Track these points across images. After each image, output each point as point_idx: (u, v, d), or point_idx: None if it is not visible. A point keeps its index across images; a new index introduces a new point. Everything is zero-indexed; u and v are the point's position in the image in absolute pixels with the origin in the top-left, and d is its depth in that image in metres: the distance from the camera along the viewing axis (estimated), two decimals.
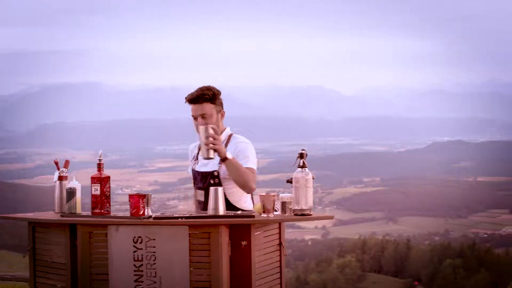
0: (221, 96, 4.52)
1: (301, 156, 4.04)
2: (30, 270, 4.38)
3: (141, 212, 4.01)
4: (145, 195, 4.03)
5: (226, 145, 4.45)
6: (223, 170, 4.39)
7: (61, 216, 4.23)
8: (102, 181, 4.13)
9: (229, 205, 4.34)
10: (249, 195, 4.55)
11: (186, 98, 4.47)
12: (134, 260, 3.99)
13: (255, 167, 4.43)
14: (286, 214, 4.07)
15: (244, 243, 4.00)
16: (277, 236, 4.25)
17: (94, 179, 4.13)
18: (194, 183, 4.60)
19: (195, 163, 4.58)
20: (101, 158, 4.19)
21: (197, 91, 4.44)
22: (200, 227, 3.94)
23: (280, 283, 4.28)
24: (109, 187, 4.16)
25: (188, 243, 3.93)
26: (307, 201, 4.02)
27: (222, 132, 4.50)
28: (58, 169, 4.42)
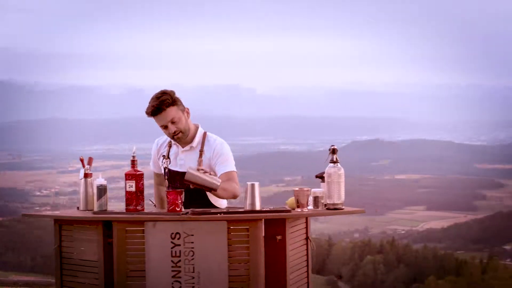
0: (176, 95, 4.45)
1: (333, 151, 4.16)
2: (56, 268, 4.33)
3: (179, 208, 4.04)
4: (182, 191, 4.06)
5: (202, 145, 4.47)
6: (205, 165, 4.42)
7: (93, 213, 4.20)
8: (137, 177, 4.13)
9: (208, 204, 4.42)
10: None
11: (147, 112, 4.36)
12: (172, 256, 4.01)
13: (234, 168, 4.44)
14: (319, 209, 4.18)
15: (279, 237, 4.09)
16: (304, 230, 4.36)
17: (128, 176, 4.13)
18: (168, 182, 4.51)
19: (167, 161, 4.53)
20: (134, 154, 4.19)
21: (154, 100, 4.33)
22: (239, 222, 4.01)
23: (307, 277, 4.39)
24: (143, 183, 4.17)
25: (226, 238, 3.99)
26: (340, 196, 4.15)
27: (194, 131, 4.49)
28: (84, 166, 4.39)
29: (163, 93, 4.40)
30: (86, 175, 4.38)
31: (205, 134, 4.54)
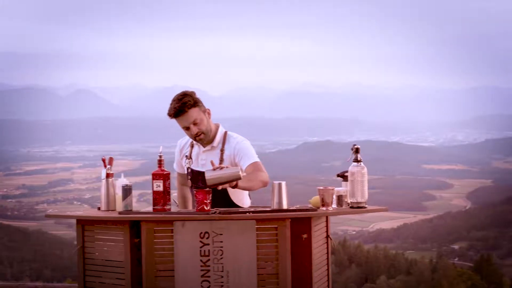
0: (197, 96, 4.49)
1: (356, 151, 4.24)
2: (78, 269, 4.30)
3: (207, 208, 4.07)
4: (210, 190, 4.09)
5: (222, 144, 4.51)
6: (226, 163, 4.46)
7: (119, 213, 4.19)
8: (164, 177, 4.14)
9: (230, 204, 4.47)
10: (247, 193, 4.63)
11: (169, 114, 4.39)
12: (201, 255, 4.03)
13: (258, 159, 4.46)
14: (343, 207, 4.26)
15: (304, 236, 4.14)
16: (325, 229, 4.43)
17: (156, 176, 4.14)
18: (191, 182, 4.36)
19: (189, 162, 4.58)
20: (161, 154, 4.20)
21: (176, 102, 4.36)
22: (268, 221, 4.06)
23: (328, 275, 4.46)
24: (169, 183, 4.18)
25: (255, 237, 4.04)
26: (363, 194, 4.23)
27: (215, 131, 4.53)
28: (105, 166, 4.37)
29: (184, 94, 4.43)
30: (108, 175, 4.36)
31: (225, 133, 4.58)
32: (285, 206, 4.13)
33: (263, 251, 4.05)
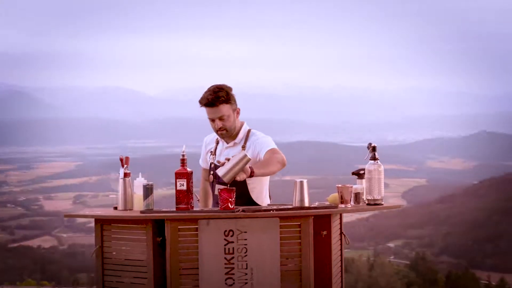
0: (233, 92, 4.54)
1: (373, 149, 4.35)
2: (97, 269, 4.28)
3: (232, 206, 4.11)
4: (234, 189, 4.13)
5: (245, 141, 4.58)
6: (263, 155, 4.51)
7: (141, 212, 4.19)
8: (188, 176, 4.16)
9: (250, 202, 4.53)
10: (267, 191, 4.70)
11: (201, 102, 4.47)
12: (225, 253, 4.07)
13: (275, 146, 4.49)
14: (360, 204, 4.36)
15: (324, 232, 4.24)
16: (339, 226, 4.53)
17: (179, 175, 4.15)
18: (213, 177, 4.59)
19: (213, 157, 4.66)
20: (184, 153, 4.22)
21: (210, 93, 4.44)
22: (291, 219, 4.13)
23: (341, 271, 4.57)
24: (192, 182, 4.20)
25: (279, 234, 4.10)
26: (380, 191, 4.34)
27: (239, 129, 4.60)
28: (123, 166, 4.36)
29: (221, 88, 4.48)
30: (125, 175, 4.35)
31: (249, 131, 4.63)
32: (307, 204, 4.21)
33: (286, 248, 4.12)
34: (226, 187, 4.13)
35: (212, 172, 4.63)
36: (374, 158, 4.34)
